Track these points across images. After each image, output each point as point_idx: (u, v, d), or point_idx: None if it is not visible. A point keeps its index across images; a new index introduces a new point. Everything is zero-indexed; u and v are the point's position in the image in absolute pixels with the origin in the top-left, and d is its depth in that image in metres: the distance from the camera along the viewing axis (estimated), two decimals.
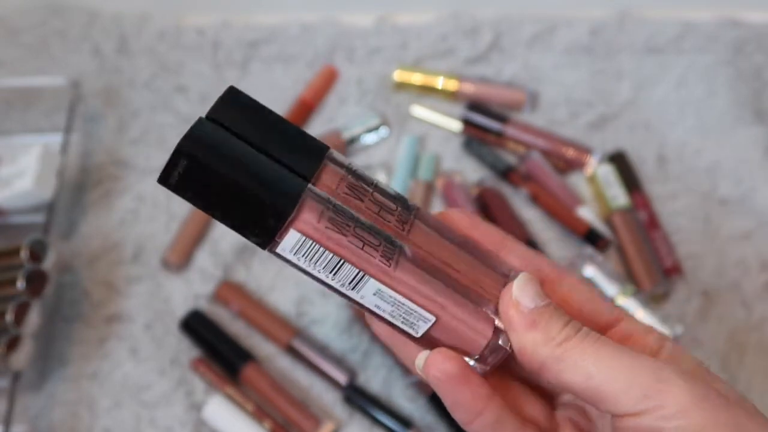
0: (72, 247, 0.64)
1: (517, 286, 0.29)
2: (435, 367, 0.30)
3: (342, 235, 0.28)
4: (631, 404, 0.26)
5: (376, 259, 0.28)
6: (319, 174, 0.29)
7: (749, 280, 0.61)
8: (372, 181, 0.30)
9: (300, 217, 0.28)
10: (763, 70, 0.71)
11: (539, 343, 0.28)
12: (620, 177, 0.65)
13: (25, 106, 0.70)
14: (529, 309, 0.29)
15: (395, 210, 0.30)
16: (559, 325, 0.28)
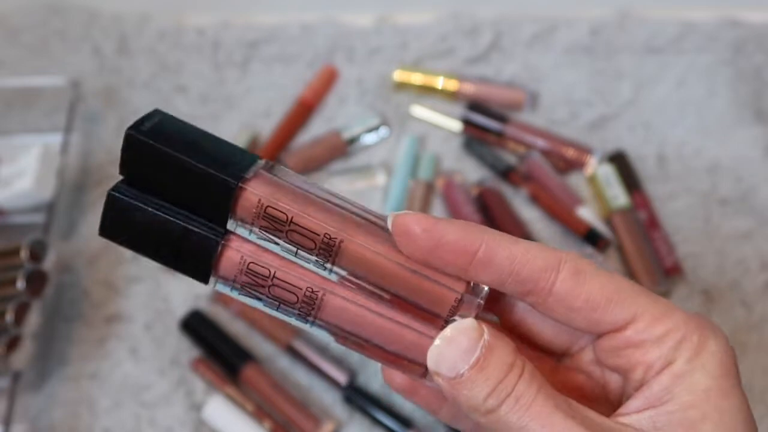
0: (72, 247, 0.64)
1: (431, 356, 0.27)
2: (387, 379, 0.32)
3: (257, 299, 0.29)
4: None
5: (293, 318, 0.29)
6: (234, 213, 0.28)
7: (749, 279, 0.61)
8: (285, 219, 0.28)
9: (218, 278, 0.29)
10: (763, 70, 0.71)
11: (466, 410, 0.26)
12: (620, 177, 0.65)
13: (25, 106, 0.70)
14: (447, 379, 0.26)
15: (314, 249, 0.28)
16: (482, 394, 0.26)
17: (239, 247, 0.29)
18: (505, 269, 0.27)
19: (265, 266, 0.29)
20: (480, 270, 0.27)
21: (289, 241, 0.28)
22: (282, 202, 0.28)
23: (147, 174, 0.29)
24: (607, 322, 0.27)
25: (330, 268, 0.29)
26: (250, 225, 0.28)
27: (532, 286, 0.27)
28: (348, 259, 0.28)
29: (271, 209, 0.28)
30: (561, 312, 0.27)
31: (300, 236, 0.28)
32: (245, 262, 0.29)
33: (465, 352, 0.26)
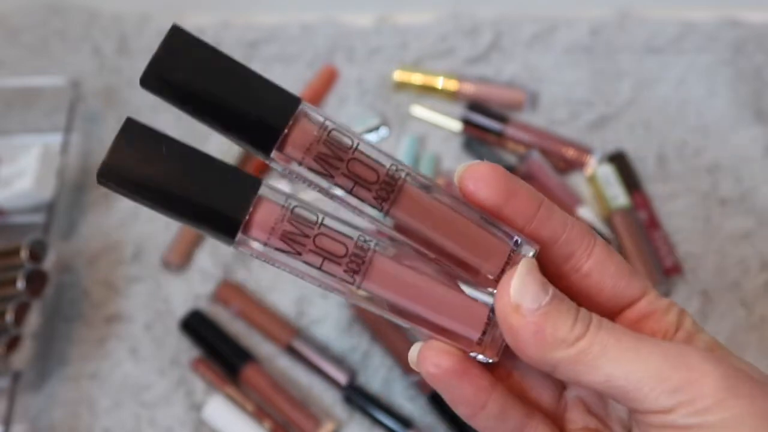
0: (72, 247, 0.64)
1: (515, 286, 0.26)
2: (429, 363, 0.27)
3: (296, 255, 0.25)
4: (660, 401, 0.24)
5: (338, 276, 0.26)
6: (285, 140, 0.25)
7: (749, 279, 0.61)
8: (350, 145, 0.25)
9: (250, 232, 0.25)
10: (763, 70, 0.71)
11: (549, 348, 0.25)
12: (620, 177, 0.65)
13: (25, 106, 0.70)
14: (531, 311, 0.25)
15: (375, 182, 0.25)
16: (568, 323, 0.25)
17: (278, 192, 0.25)
18: (559, 227, 0.27)
19: (312, 211, 0.25)
20: (541, 223, 0.27)
21: (348, 173, 0.25)
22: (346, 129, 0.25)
23: (186, 78, 0.24)
24: (630, 291, 0.28)
25: (387, 210, 0.26)
26: (303, 154, 0.25)
27: (576, 247, 0.28)
28: (406, 202, 0.26)
29: (336, 133, 0.25)
30: (595, 277, 0.28)
31: (362, 167, 0.25)
32: (290, 206, 0.25)
33: (543, 283, 0.26)
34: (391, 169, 0.26)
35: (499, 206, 0.27)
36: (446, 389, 0.28)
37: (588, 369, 0.25)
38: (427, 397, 0.56)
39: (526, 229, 0.27)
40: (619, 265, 0.28)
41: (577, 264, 0.28)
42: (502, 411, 0.28)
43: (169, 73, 0.24)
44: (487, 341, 0.27)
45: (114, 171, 0.24)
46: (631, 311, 0.28)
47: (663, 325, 0.28)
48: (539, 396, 0.30)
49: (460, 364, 0.27)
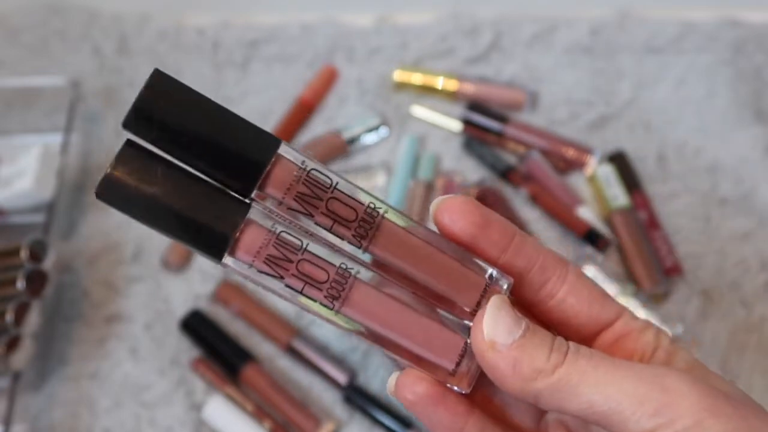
0: (72, 247, 0.64)
1: (488, 323, 0.26)
2: (406, 390, 0.28)
3: (279, 278, 0.26)
4: (642, 424, 0.24)
5: (318, 302, 0.26)
6: (266, 180, 0.26)
7: (749, 279, 0.61)
8: (329, 184, 0.26)
9: (236, 253, 0.26)
10: (763, 70, 0.71)
11: (528, 379, 0.26)
12: (620, 177, 0.65)
13: (25, 106, 0.70)
14: (506, 347, 0.26)
15: (354, 220, 0.26)
16: (544, 353, 0.26)
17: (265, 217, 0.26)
18: (533, 255, 0.28)
19: (298, 237, 0.26)
20: (516, 252, 0.28)
21: (327, 212, 0.26)
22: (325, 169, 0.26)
23: (168, 121, 0.25)
24: (605, 313, 0.29)
25: (366, 246, 0.26)
26: (283, 194, 0.26)
27: (550, 274, 0.28)
28: (385, 238, 0.27)
29: (316, 172, 0.26)
30: (570, 302, 0.29)
31: (341, 205, 0.26)
32: (276, 231, 0.26)
33: (515, 318, 0.27)
34: (369, 206, 0.27)
35: (473, 237, 0.28)
36: (423, 416, 0.28)
37: (569, 396, 0.25)
38: None
39: (501, 260, 0.28)
40: (591, 289, 0.29)
41: (552, 290, 0.29)
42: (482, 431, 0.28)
43: (150, 116, 0.25)
44: (461, 372, 0.28)
45: (110, 188, 0.25)
46: (607, 333, 0.29)
47: (640, 344, 0.28)
48: (520, 420, 0.31)
49: (435, 390, 0.28)
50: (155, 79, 0.25)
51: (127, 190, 0.25)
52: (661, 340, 0.29)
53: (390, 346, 0.28)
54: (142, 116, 0.25)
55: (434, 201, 0.28)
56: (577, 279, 0.29)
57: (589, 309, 0.29)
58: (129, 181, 0.25)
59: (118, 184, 0.25)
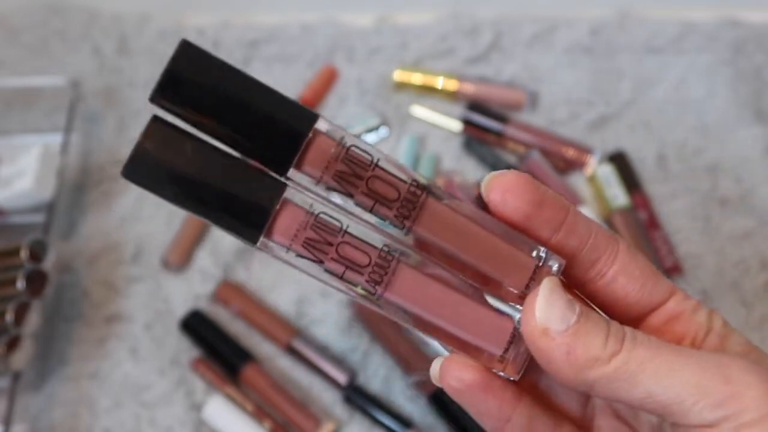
0: (72, 247, 0.64)
1: (540, 308, 0.25)
2: (451, 377, 0.26)
3: (318, 263, 0.25)
4: (704, 416, 0.23)
5: (359, 287, 0.25)
6: (303, 157, 0.24)
7: (749, 279, 0.61)
8: (370, 161, 0.25)
9: (272, 236, 0.24)
10: (763, 70, 0.71)
11: (583, 368, 0.24)
12: (620, 177, 0.65)
13: (25, 106, 0.70)
14: (560, 333, 0.24)
15: (396, 200, 0.25)
16: (600, 340, 0.24)
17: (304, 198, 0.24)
18: (585, 234, 0.27)
19: (337, 218, 0.25)
20: (568, 232, 0.27)
21: (368, 191, 0.24)
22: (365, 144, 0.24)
23: (199, 93, 0.23)
24: (656, 293, 0.27)
25: (408, 227, 0.25)
26: (321, 173, 0.24)
27: (602, 253, 0.27)
28: (429, 218, 0.25)
29: (356, 149, 0.24)
30: (621, 282, 0.27)
31: (383, 184, 0.24)
32: (315, 212, 0.24)
33: (568, 302, 0.25)
34: (412, 185, 0.25)
35: (527, 217, 0.26)
36: (470, 403, 0.27)
37: (627, 386, 0.24)
38: (427, 397, 0.56)
39: (552, 240, 0.27)
40: (644, 267, 0.27)
41: (602, 269, 0.27)
42: (528, 423, 0.27)
43: (180, 90, 0.23)
44: (509, 358, 0.26)
45: (138, 167, 0.23)
46: (658, 314, 0.28)
47: (692, 326, 0.27)
48: (566, 404, 0.29)
49: (482, 377, 0.26)
50: (183, 49, 0.23)
51: (155, 169, 0.23)
52: (714, 321, 0.27)
53: (434, 332, 0.26)
54: (171, 87, 0.23)
55: (485, 177, 0.26)
56: (629, 257, 0.27)
57: (641, 289, 0.27)
58: (158, 158, 0.23)
59: (147, 162, 0.23)
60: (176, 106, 0.23)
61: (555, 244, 0.27)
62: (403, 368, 0.57)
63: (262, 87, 0.24)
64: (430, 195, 0.25)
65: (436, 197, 0.25)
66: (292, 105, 0.24)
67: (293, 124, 0.24)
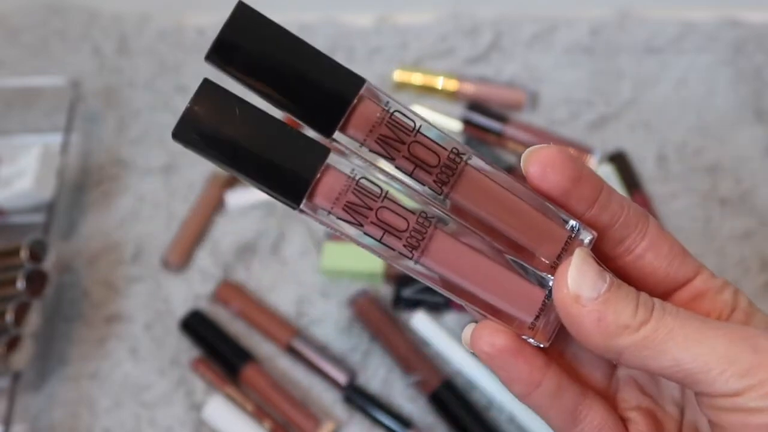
0: (72, 247, 0.64)
1: (572, 276, 0.25)
2: (483, 342, 0.27)
3: (358, 226, 0.25)
4: (730, 384, 0.24)
5: (396, 251, 0.26)
6: (348, 120, 0.25)
7: (749, 280, 0.61)
8: (412, 127, 0.26)
9: (314, 199, 0.25)
10: (763, 70, 0.71)
11: (613, 335, 0.25)
12: (620, 177, 0.65)
13: (25, 106, 0.70)
14: (591, 300, 0.25)
15: (436, 166, 0.25)
16: (630, 309, 0.25)
17: (346, 161, 0.25)
18: (617, 211, 0.27)
19: (377, 183, 0.25)
20: (601, 207, 0.27)
21: (409, 156, 0.25)
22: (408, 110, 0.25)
23: (253, 52, 0.25)
24: (683, 270, 0.29)
25: (446, 193, 0.26)
26: (365, 136, 0.25)
27: (632, 230, 0.28)
28: (466, 185, 0.26)
29: (399, 114, 0.26)
30: (649, 258, 0.28)
31: (424, 149, 0.25)
32: (356, 177, 0.25)
33: (599, 271, 0.26)
34: (452, 152, 0.26)
35: (565, 191, 0.27)
36: (501, 368, 0.27)
37: (655, 354, 0.25)
38: (427, 397, 0.56)
39: (586, 214, 0.27)
40: (672, 245, 0.28)
41: (631, 245, 0.28)
42: (557, 389, 0.27)
43: (233, 49, 0.24)
44: (539, 326, 0.27)
45: (189, 129, 0.24)
46: (684, 291, 0.28)
47: (718, 304, 0.28)
48: (591, 375, 0.30)
49: (514, 343, 0.27)
50: (239, 10, 0.24)
51: (205, 130, 0.24)
52: (740, 300, 0.28)
53: (467, 297, 0.27)
54: (226, 46, 0.24)
55: (526, 151, 0.27)
56: (658, 234, 0.28)
57: (668, 266, 0.28)
58: (207, 120, 0.24)
59: (196, 123, 0.24)
60: (229, 66, 0.24)
61: (588, 219, 0.27)
62: (403, 368, 0.57)
63: (313, 51, 0.25)
64: (470, 163, 0.26)
65: (476, 166, 0.26)
66: (341, 69, 0.25)
67: (340, 87, 0.25)
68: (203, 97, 0.24)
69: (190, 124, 0.24)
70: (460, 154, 0.26)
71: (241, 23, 0.25)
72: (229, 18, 0.24)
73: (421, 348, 0.58)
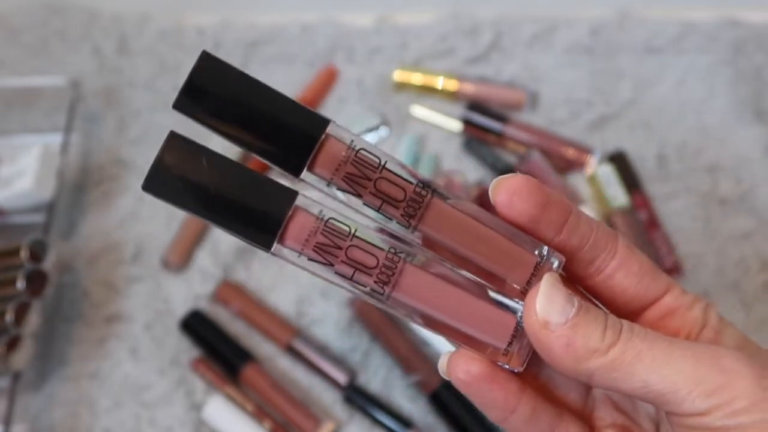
0: (72, 247, 0.64)
1: (541, 302, 0.26)
2: (459, 370, 0.28)
3: (329, 265, 0.26)
4: (697, 404, 0.24)
5: (368, 287, 0.26)
6: (315, 160, 0.26)
7: (749, 280, 0.61)
8: (378, 164, 0.26)
9: (285, 242, 0.26)
10: (763, 70, 0.71)
11: (582, 359, 0.26)
12: (620, 177, 0.65)
13: (25, 106, 0.70)
14: (560, 326, 0.26)
15: (402, 200, 0.26)
16: (598, 332, 0.26)
17: (312, 203, 0.26)
18: (586, 233, 0.28)
19: (345, 223, 0.26)
20: (570, 231, 0.28)
21: (376, 192, 0.26)
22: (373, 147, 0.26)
23: (219, 99, 0.25)
24: (654, 288, 0.28)
25: (414, 226, 0.26)
26: (332, 174, 0.26)
27: (601, 250, 0.28)
28: (434, 217, 0.26)
29: (364, 152, 0.26)
30: (619, 277, 0.28)
31: (390, 185, 0.26)
32: (324, 218, 0.26)
33: (568, 296, 0.26)
34: (418, 186, 0.26)
35: (533, 218, 0.27)
36: (476, 395, 0.28)
37: (624, 376, 0.25)
38: (427, 397, 0.56)
39: (555, 239, 0.28)
40: (642, 263, 0.28)
41: (601, 265, 0.28)
42: (532, 413, 0.28)
43: (200, 96, 0.25)
44: (513, 351, 0.28)
45: (158, 181, 0.25)
46: (655, 308, 0.29)
47: (688, 321, 0.28)
48: (566, 395, 0.30)
49: (489, 370, 0.27)
50: (203, 60, 0.25)
51: (174, 181, 0.25)
52: (710, 317, 0.28)
53: (441, 328, 0.27)
54: (192, 95, 0.25)
55: (494, 180, 0.27)
56: (628, 253, 0.28)
57: (638, 284, 0.28)
58: (176, 171, 0.25)
59: (166, 175, 0.25)
60: (197, 112, 0.25)
61: (557, 244, 0.28)
62: (403, 368, 0.57)
63: (277, 95, 0.26)
64: (435, 195, 0.27)
65: (441, 197, 0.27)
66: (305, 111, 0.26)
67: (306, 128, 0.26)
68: (171, 149, 0.25)
69: (159, 177, 0.25)
70: (426, 188, 0.26)
71: (206, 71, 0.25)
72: (194, 67, 0.25)
73: (421, 348, 0.58)
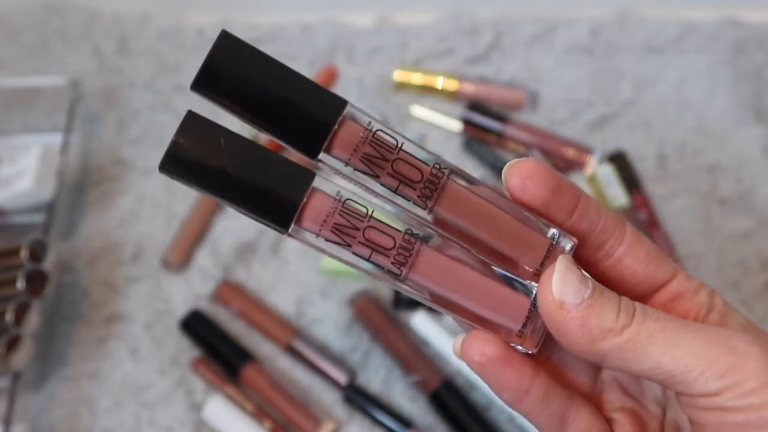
0: (72, 247, 0.64)
1: (556, 283, 0.26)
2: (473, 351, 0.28)
3: (346, 246, 0.26)
4: (709, 385, 0.25)
5: (386, 268, 0.26)
6: (333, 141, 0.26)
7: (749, 280, 0.61)
8: (395, 145, 0.26)
9: (302, 223, 0.26)
10: (763, 70, 0.71)
11: (596, 339, 0.26)
12: (620, 177, 0.65)
13: (25, 106, 0.70)
14: (575, 306, 0.26)
15: (420, 181, 0.26)
16: (612, 313, 0.26)
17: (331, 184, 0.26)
18: (595, 217, 0.28)
19: (363, 204, 0.26)
20: (580, 215, 0.28)
21: (393, 173, 0.26)
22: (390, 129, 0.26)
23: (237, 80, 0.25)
24: (660, 273, 0.29)
25: (431, 207, 0.26)
26: (349, 156, 0.26)
27: (610, 235, 0.29)
28: (450, 199, 0.27)
29: (382, 134, 0.26)
30: (627, 262, 0.29)
31: (407, 166, 0.26)
32: (342, 199, 0.26)
33: (582, 278, 0.27)
34: (434, 167, 0.27)
35: (545, 202, 0.28)
36: (491, 377, 0.28)
37: (637, 357, 0.26)
38: (427, 397, 0.56)
39: (566, 223, 0.28)
40: (649, 249, 0.29)
41: (610, 250, 0.29)
42: (545, 395, 0.28)
43: (219, 77, 0.25)
44: (527, 333, 0.28)
45: (175, 161, 0.25)
46: (662, 293, 0.29)
47: (695, 305, 0.29)
48: (577, 379, 0.31)
49: (503, 351, 0.28)
50: (222, 39, 0.25)
51: (191, 162, 0.25)
52: (716, 301, 0.29)
53: (455, 309, 0.28)
54: (210, 76, 0.25)
55: (506, 165, 0.28)
56: (635, 239, 0.29)
57: (646, 268, 0.29)
58: (193, 152, 0.25)
59: (183, 155, 0.25)
60: (215, 93, 0.25)
61: (568, 227, 0.28)
62: (403, 368, 0.57)
63: (296, 75, 0.26)
64: (451, 177, 0.27)
65: (458, 178, 0.27)
66: (323, 92, 0.26)
67: (324, 110, 0.26)
68: (188, 129, 0.25)
69: (176, 157, 0.25)
70: (442, 169, 0.27)
71: (224, 52, 0.25)
72: (213, 47, 0.25)
73: (421, 348, 0.58)
